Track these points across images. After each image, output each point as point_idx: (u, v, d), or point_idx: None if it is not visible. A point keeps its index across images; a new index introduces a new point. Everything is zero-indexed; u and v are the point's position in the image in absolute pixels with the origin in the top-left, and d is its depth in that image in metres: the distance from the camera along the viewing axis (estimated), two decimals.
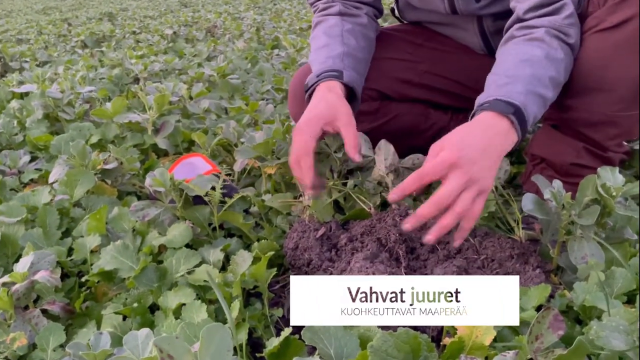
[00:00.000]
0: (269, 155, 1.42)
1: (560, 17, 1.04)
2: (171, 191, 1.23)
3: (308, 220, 1.23)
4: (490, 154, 0.94)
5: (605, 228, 1.00)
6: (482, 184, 0.93)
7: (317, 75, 1.19)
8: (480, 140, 0.94)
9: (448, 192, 0.91)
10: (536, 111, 1.00)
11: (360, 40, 1.29)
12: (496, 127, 0.96)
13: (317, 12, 1.35)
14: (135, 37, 5.34)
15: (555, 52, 1.03)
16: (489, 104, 0.98)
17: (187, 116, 2.20)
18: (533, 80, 1.00)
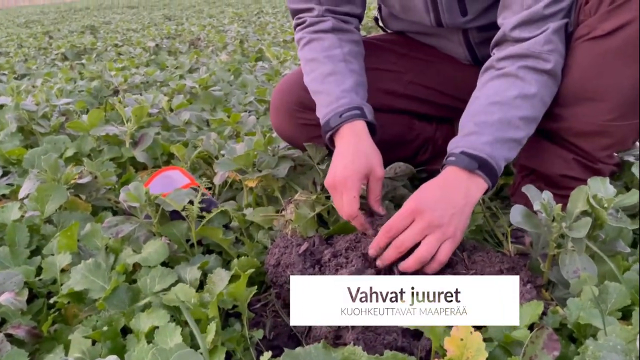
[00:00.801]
0: (250, 168, 1.38)
1: (540, 42, 1.02)
2: (146, 206, 1.17)
3: (290, 235, 1.19)
4: (455, 203, 0.96)
5: (596, 241, 0.97)
6: (447, 230, 0.95)
7: (339, 115, 1.14)
8: (442, 192, 0.97)
9: (407, 236, 0.95)
10: (507, 154, 1.02)
11: (360, 60, 1.26)
12: (460, 182, 0.98)
13: (304, 26, 1.28)
14: (117, 49, 5.28)
15: (529, 88, 1.02)
16: (454, 158, 0.99)
17: (167, 128, 2.14)
18: (502, 126, 1.00)
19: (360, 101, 1.16)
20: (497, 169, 1.00)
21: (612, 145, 1.11)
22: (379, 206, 1.12)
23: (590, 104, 1.07)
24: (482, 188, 0.99)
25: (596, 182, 0.95)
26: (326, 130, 1.16)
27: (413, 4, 1.21)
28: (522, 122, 1.02)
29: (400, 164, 1.32)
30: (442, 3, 1.17)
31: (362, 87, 1.21)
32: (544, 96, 1.05)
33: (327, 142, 1.17)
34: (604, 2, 0.99)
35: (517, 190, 1.27)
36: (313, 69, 1.23)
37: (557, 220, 0.93)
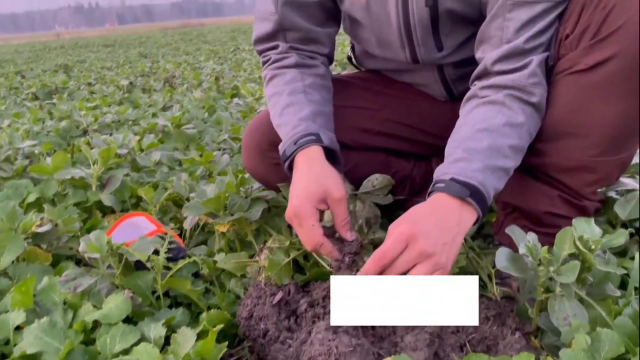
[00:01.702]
0: (221, 211, 1.31)
1: (525, 75, 1.00)
2: (108, 257, 1.09)
3: (264, 283, 1.12)
4: (448, 232, 0.91)
5: (585, 284, 0.92)
6: (438, 260, 0.89)
7: (294, 143, 1.10)
8: (436, 219, 0.92)
9: (398, 265, 0.89)
10: (496, 184, 0.97)
11: (323, 92, 1.22)
12: (452, 210, 0.93)
13: (269, 63, 1.26)
14: (90, 88, 5.22)
15: (516, 116, 0.99)
16: (444, 185, 0.94)
17: (137, 170, 2.07)
18: (492, 153, 0.96)
19: (316, 127, 1.12)
20: (488, 197, 0.94)
21: (596, 182, 1.08)
22: (347, 231, 1.05)
23: (574, 139, 1.04)
24: (473, 217, 0.94)
25: (581, 223, 0.91)
26: (283, 160, 1.12)
27: (389, 39, 1.18)
28: (511, 151, 0.98)
29: (377, 175, 1.25)
30: (417, 38, 1.15)
31: (322, 117, 1.16)
32: (530, 127, 1.02)
33: (287, 173, 1.12)
34: (585, 37, 0.97)
35: (501, 228, 1.22)
36: (274, 104, 1.20)
37: (543, 263, 0.88)
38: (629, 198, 1.18)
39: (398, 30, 1.14)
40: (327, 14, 1.24)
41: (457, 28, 1.13)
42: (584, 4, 0.97)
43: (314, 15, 1.22)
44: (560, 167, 1.08)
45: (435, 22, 1.11)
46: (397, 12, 1.11)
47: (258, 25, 1.25)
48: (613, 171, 1.08)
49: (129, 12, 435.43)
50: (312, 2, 1.20)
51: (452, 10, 1.08)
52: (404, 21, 1.12)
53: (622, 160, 1.07)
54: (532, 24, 0.99)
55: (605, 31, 0.94)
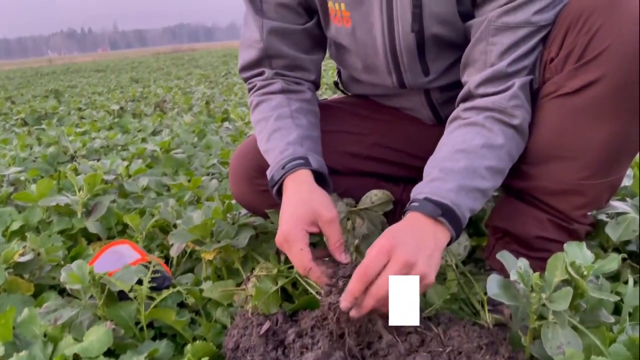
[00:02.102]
0: (207, 238, 1.28)
1: (506, 97, 1.00)
2: (90, 287, 1.06)
3: (251, 313, 1.09)
4: (426, 246, 0.91)
5: (578, 311, 0.90)
6: (422, 271, 0.89)
7: (282, 167, 1.08)
8: (412, 234, 0.92)
9: (384, 280, 0.88)
10: (472, 204, 0.97)
11: (310, 117, 1.22)
12: (426, 228, 0.93)
13: (254, 90, 1.25)
14: (80, 113, 5.20)
15: (495, 138, 1.00)
16: (417, 204, 0.95)
17: (124, 196, 2.04)
18: (467, 174, 0.96)
19: (304, 151, 1.11)
20: (462, 218, 0.95)
21: (586, 205, 1.07)
22: (341, 253, 1.02)
23: (562, 162, 1.04)
24: (447, 237, 0.94)
25: (573, 248, 0.89)
26: (271, 185, 1.10)
27: (375, 65, 1.18)
28: (488, 172, 0.98)
29: (376, 191, 1.22)
30: (403, 63, 1.15)
31: (309, 140, 1.15)
32: (510, 149, 1.02)
33: (276, 199, 1.10)
34: (569, 60, 0.97)
35: (492, 253, 1.21)
36: (261, 130, 1.18)
37: (535, 290, 0.86)
38: (620, 221, 1.17)
39: (384, 56, 1.14)
40: (313, 41, 1.24)
41: (443, 53, 1.13)
42: (567, 28, 0.97)
43: (299, 43, 1.21)
44: (549, 191, 1.07)
45: (421, 47, 1.11)
46: (383, 38, 1.11)
47: (243, 53, 1.24)
48: (602, 194, 1.08)
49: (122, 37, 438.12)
50: (298, 29, 1.20)
51: (438, 35, 1.08)
52: (390, 47, 1.12)
53: (612, 182, 1.06)
54: (515, 48, 0.99)
55: (589, 54, 0.94)
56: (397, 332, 1.00)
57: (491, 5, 1.00)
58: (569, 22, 0.97)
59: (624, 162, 1.07)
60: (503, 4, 0.98)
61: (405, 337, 0.98)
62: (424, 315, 1.05)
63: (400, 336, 0.99)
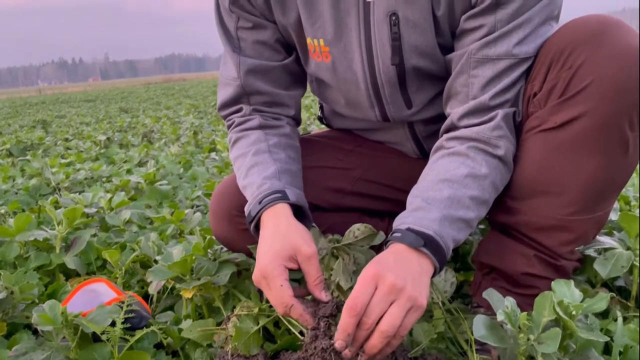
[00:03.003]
0: (187, 275, 1.24)
1: (490, 128, 1.00)
2: (62, 329, 1.02)
3: (231, 354, 1.05)
4: (412, 270, 0.89)
5: (567, 352, 0.87)
6: (412, 295, 0.86)
7: (259, 202, 1.05)
8: (397, 261, 0.90)
9: (373, 307, 0.85)
10: (456, 235, 0.95)
11: (289, 151, 1.19)
12: (410, 257, 0.91)
13: (233, 126, 1.23)
14: (66, 144, 5.15)
15: (479, 168, 0.99)
16: (400, 235, 0.93)
17: (106, 229, 2.00)
18: (451, 204, 0.95)
19: (281, 185, 1.08)
20: (445, 248, 0.92)
21: (573, 241, 1.05)
22: (320, 291, 0.97)
23: (547, 198, 1.02)
24: (430, 267, 0.91)
25: (561, 286, 0.87)
26: (249, 221, 1.07)
27: (357, 99, 1.17)
28: (472, 202, 0.97)
29: (358, 225, 1.18)
30: (385, 96, 1.14)
31: (287, 174, 1.13)
32: (495, 179, 1.00)
33: (254, 235, 1.07)
34: (552, 95, 0.97)
35: (479, 289, 1.18)
36: (240, 166, 1.16)
37: (523, 330, 0.83)
38: (608, 256, 1.15)
39: (366, 90, 1.13)
40: (291, 77, 1.23)
41: (425, 85, 1.12)
42: (550, 63, 0.97)
43: (277, 79, 1.20)
44: (536, 226, 1.05)
45: (402, 80, 1.10)
46: (363, 72, 1.10)
47: (222, 91, 1.23)
48: (589, 230, 1.06)
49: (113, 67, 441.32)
50: (276, 66, 1.18)
51: (418, 67, 1.08)
52: (371, 80, 1.11)
53: (598, 218, 1.05)
54: (497, 81, 0.99)
55: (572, 90, 0.94)
56: None
57: (471, 37, 1.00)
58: (552, 56, 0.97)
59: (610, 198, 1.06)
60: (483, 36, 0.98)
61: None
62: (410, 355, 1.02)
63: None
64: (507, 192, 1.09)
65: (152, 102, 13.27)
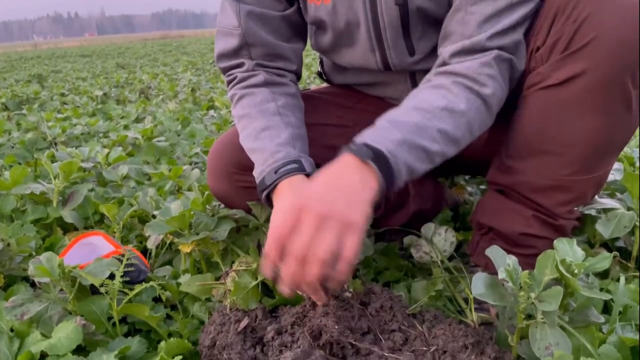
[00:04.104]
0: (185, 230, 1.23)
1: (479, 64, 0.94)
2: (60, 281, 1.01)
3: (229, 309, 1.05)
4: (349, 187, 0.82)
5: (567, 310, 0.87)
6: (343, 217, 0.79)
7: (275, 171, 1.02)
8: (331, 177, 0.83)
9: (300, 239, 0.79)
10: (412, 162, 0.88)
11: (297, 113, 1.15)
12: (351, 175, 0.84)
13: (235, 82, 1.18)
14: (63, 99, 5.08)
15: (458, 104, 0.92)
16: (354, 147, 0.86)
17: (103, 184, 1.98)
18: (417, 130, 0.89)
19: (297, 154, 1.05)
20: (395, 170, 0.85)
21: (571, 201, 1.03)
22: None
23: (546, 157, 1.00)
24: (374, 183, 0.83)
25: (563, 245, 0.86)
26: (262, 189, 1.04)
27: (358, 42, 1.13)
28: (441, 135, 0.90)
29: None
30: (387, 39, 1.09)
31: (300, 140, 1.10)
32: (472, 120, 0.94)
33: (264, 202, 1.05)
34: (555, 49, 0.93)
35: (477, 249, 1.18)
36: (246, 126, 1.12)
37: (524, 289, 0.83)
38: (610, 217, 1.14)
39: (367, 32, 1.09)
40: (292, 29, 1.18)
41: (429, 31, 1.08)
42: (555, 15, 0.93)
43: (278, 30, 1.16)
44: (534, 187, 1.03)
45: (405, 24, 1.06)
46: (365, 13, 1.06)
47: (220, 42, 1.18)
48: (588, 190, 1.04)
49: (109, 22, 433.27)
50: (276, 16, 1.14)
51: (422, 8, 1.03)
52: (372, 22, 1.07)
53: (598, 178, 1.03)
54: (495, 20, 0.93)
55: (576, 44, 0.90)
56: (380, 330, 0.96)
57: None
58: (557, 8, 0.92)
59: (611, 157, 1.03)
60: None
61: (388, 335, 0.95)
62: (408, 312, 1.02)
63: (383, 334, 0.96)
64: (506, 152, 1.07)
65: (149, 58, 13.06)
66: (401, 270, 1.28)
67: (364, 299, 1.01)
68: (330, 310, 0.94)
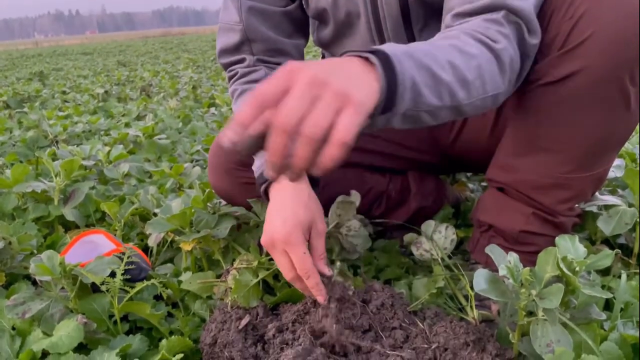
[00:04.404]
0: (186, 228, 1.23)
1: (490, 21, 0.85)
2: (61, 279, 1.01)
3: (230, 306, 1.05)
4: (350, 70, 0.68)
5: (569, 307, 0.87)
6: (340, 89, 0.63)
7: None
8: (325, 64, 0.68)
9: (290, 104, 0.62)
10: (419, 82, 0.74)
11: None
12: (351, 64, 0.70)
13: (236, 78, 1.18)
14: (64, 97, 5.08)
15: (469, 48, 0.82)
16: (358, 52, 0.73)
17: (104, 182, 1.98)
18: (426, 55, 0.77)
19: None
20: (400, 78, 0.71)
21: (571, 199, 1.03)
22: (324, 265, 0.97)
23: (545, 155, 0.99)
24: (370, 84, 0.68)
25: (565, 242, 0.86)
26: (260, 182, 1.04)
27: (359, 34, 1.12)
28: (450, 67, 0.79)
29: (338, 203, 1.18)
30: (387, 31, 1.08)
31: None
32: (483, 67, 0.82)
33: (263, 196, 1.05)
34: (553, 46, 0.92)
35: (477, 247, 1.18)
36: None
37: (525, 286, 0.83)
38: (611, 213, 1.14)
39: (367, 24, 1.08)
40: (294, 25, 1.18)
41: (431, 24, 1.06)
42: (552, 11, 0.91)
43: (280, 25, 1.16)
44: (533, 184, 1.03)
45: (406, 15, 1.05)
46: (364, 3, 1.05)
47: (222, 37, 1.18)
48: (587, 187, 1.04)
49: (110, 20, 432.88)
50: (278, 11, 1.14)
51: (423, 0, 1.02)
52: (372, 12, 1.06)
53: (597, 175, 1.02)
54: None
55: (573, 41, 0.89)
56: (381, 328, 0.97)
57: None
58: (554, 5, 0.91)
59: (609, 156, 1.03)
60: None
61: (389, 332, 0.95)
62: (409, 309, 1.02)
63: (384, 332, 0.96)
64: (504, 149, 1.06)
65: (150, 55, 13.05)
66: (402, 268, 1.28)
67: (364, 297, 1.01)
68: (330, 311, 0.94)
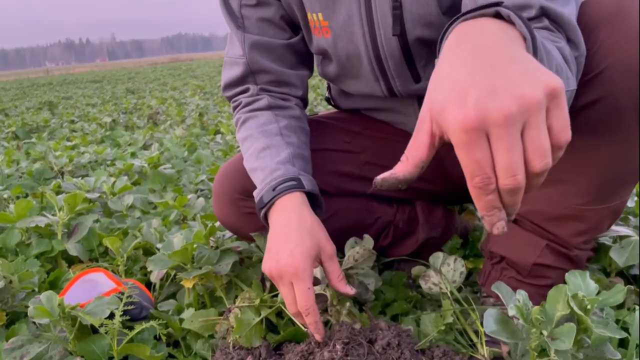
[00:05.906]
0: (188, 264, 1.21)
1: None
2: (59, 321, 0.99)
3: (232, 346, 1.02)
4: (511, 56, 0.55)
5: (582, 346, 0.83)
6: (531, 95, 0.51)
7: (272, 189, 1.00)
8: (480, 53, 0.55)
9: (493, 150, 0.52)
10: (540, 41, 0.63)
11: (300, 135, 1.14)
12: (494, 30, 0.58)
13: (240, 107, 1.18)
14: (72, 126, 5.12)
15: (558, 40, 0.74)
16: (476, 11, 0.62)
17: (108, 214, 1.97)
18: None
19: (296, 171, 1.03)
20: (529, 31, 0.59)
21: (586, 231, 1.00)
22: (345, 285, 0.95)
23: (560, 186, 0.97)
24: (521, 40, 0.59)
25: (575, 278, 0.83)
26: (260, 207, 1.02)
27: (361, 73, 1.11)
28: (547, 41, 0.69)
29: (356, 248, 1.15)
30: (390, 70, 1.08)
31: (301, 159, 1.08)
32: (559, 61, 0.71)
33: (263, 222, 1.03)
34: None
35: (488, 279, 1.14)
36: (248, 147, 1.11)
37: (536, 325, 0.79)
38: (624, 244, 1.11)
39: (369, 64, 1.07)
40: (297, 57, 1.18)
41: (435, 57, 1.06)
42: None
43: (283, 58, 1.15)
44: (548, 216, 1.00)
45: (407, 53, 1.04)
46: (365, 45, 1.05)
47: (227, 71, 1.18)
48: (604, 219, 1.00)
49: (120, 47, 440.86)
50: (281, 44, 1.14)
51: (423, 38, 1.01)
52: (374, 54, 1.05)
53: (614, 208, 0.99)
54: None
55: (591, 71, 0.87)
56: None
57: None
58: None
59: (627, 187, 1.00)
60: None
61: None
62: (417, 347, 0.99)
63: None
64: None
65: (158, 82, 13.21)
66: (410, 302, 1.24)
67: (370, 336, 0.98)
68: (336, 353, 0.91)
